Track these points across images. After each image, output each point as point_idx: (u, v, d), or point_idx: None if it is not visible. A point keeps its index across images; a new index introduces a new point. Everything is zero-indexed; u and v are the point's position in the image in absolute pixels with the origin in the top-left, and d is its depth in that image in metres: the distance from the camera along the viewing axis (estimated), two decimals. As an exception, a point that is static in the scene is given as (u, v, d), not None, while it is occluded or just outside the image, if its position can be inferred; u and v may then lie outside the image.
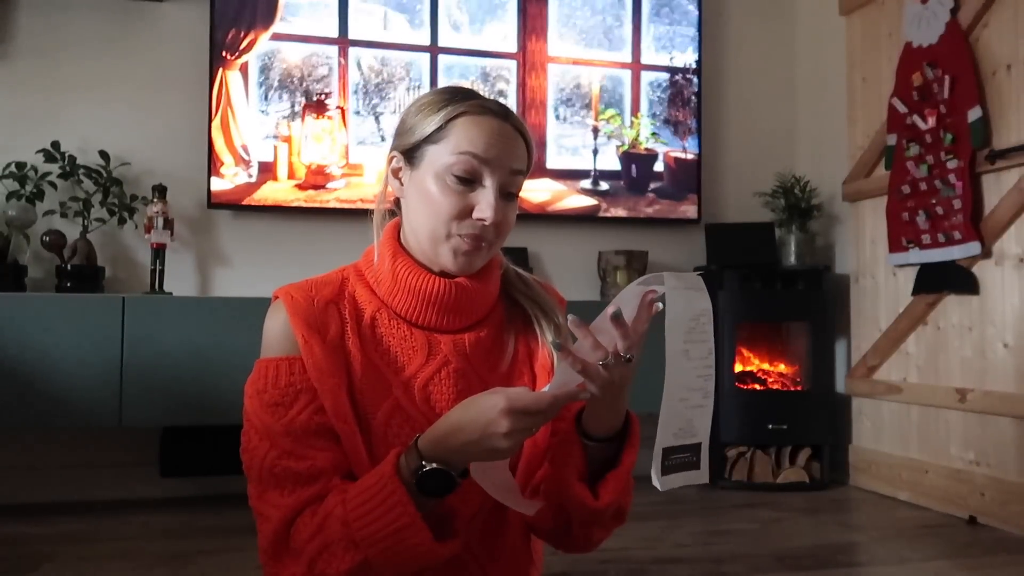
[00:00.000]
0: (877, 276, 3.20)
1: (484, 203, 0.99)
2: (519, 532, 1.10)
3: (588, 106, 3.43)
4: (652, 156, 3.48)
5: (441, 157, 1.00)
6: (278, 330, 1.00)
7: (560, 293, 1.19)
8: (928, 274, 2.89)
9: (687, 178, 3.50)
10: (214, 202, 3.05)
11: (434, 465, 0.89)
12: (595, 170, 3.42)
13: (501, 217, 1.00)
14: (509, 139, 1.01)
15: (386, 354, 1.03)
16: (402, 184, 1.06)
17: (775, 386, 3.34)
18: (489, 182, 0.99)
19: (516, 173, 1.02)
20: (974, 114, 2.68)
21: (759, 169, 3.62)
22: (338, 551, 0.89)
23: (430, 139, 1.01)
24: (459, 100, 1.01)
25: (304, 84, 3.15)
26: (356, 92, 3.20)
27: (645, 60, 3.49)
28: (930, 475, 2.87)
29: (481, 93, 1.05)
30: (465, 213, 0.99)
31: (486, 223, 0.99)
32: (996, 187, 2.66)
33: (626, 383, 0.95)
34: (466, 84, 3.28)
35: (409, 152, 1.04)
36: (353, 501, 0.89)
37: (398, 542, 0.88)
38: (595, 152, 3.42)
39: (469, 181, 0.99)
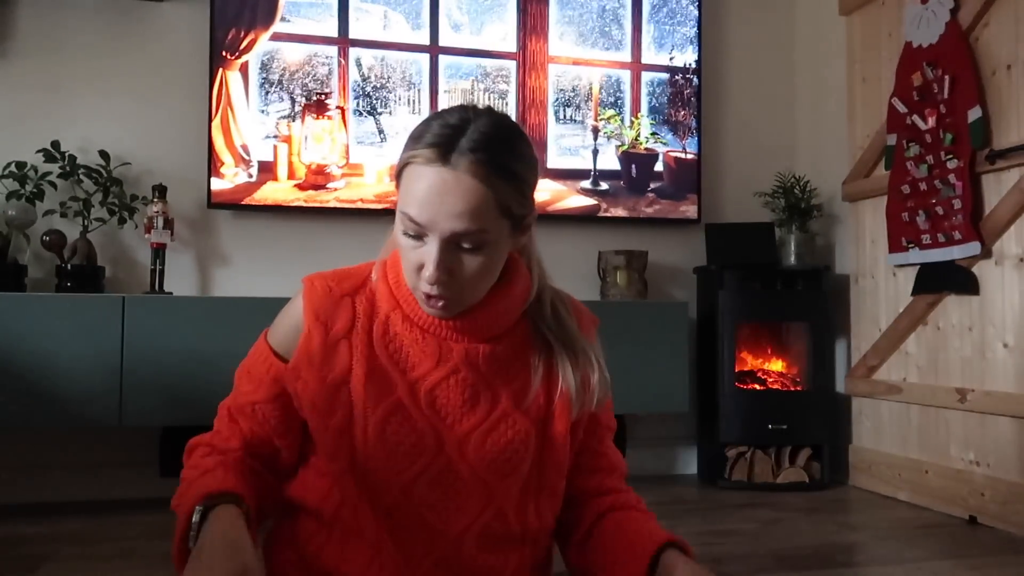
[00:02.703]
0: (877, 276, 3.20)
1: (427, 261, 0.93)
2: (529, 548, 1.09)
3: (588, 106, 3.43)
4: (652, 156, 3.48)
5: (398, 209, 0.96)
6: (292, 318, 1.04)
7: (591, 314, 1.16)
8: (928, 274, 2.89)
9: (687, 178, 3.50)
10: (214, 202, 3.05)
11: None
12: (595, 170, 3.42)
13: (446, 276, 0.93)
14: (446, 196, 0.90)
15: (396, 354, 1.02)
16: None
17: (775, 386, 3.34)
18: (431, 240, 0.93)
19: (463, 234, 0.92)
20: (974, 114, 2.68)
21: (759, 169, 3.62)
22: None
23: (398, 178, 0.98)
24: (414, 142, 0.94)
25: (304, 84, 3.15)
26: (356, 92, 3.20)
27: (645, 60, 3.49)
28: (930, 475, 2.87)
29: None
30: (420, 267, 0.95)
31: (430, 282, 0.94)
32: (996, 187, 2.66)
33: None
34: (466, 85, 3.28)
35: (397, 179, 1.00)
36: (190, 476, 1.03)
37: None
38: (595, 152, 3.42)
39: (417, 236, 0.94)
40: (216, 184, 3.05)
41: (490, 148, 0.92)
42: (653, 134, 3.48)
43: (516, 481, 1.04)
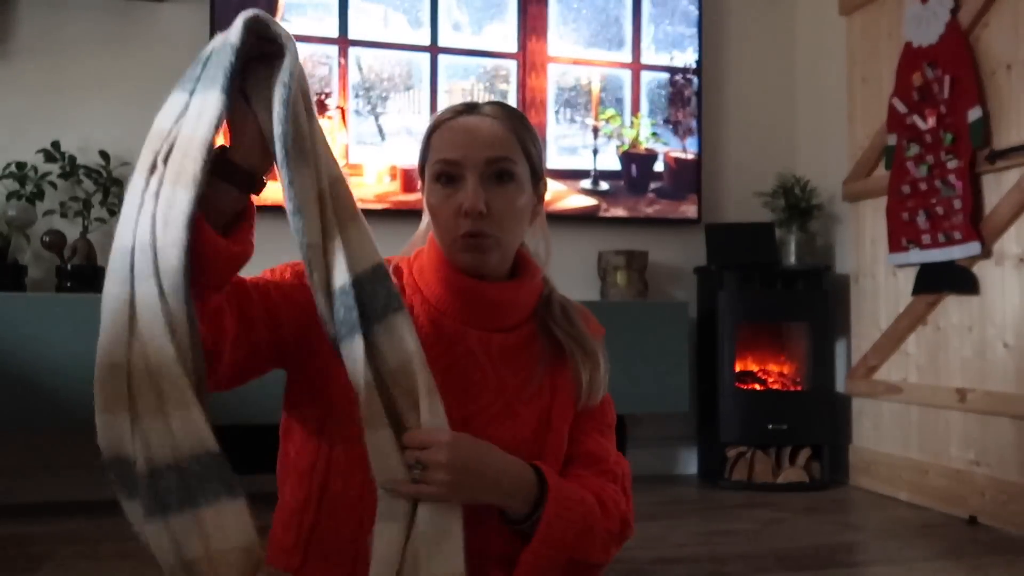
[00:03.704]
0: (877, 276, 3.20)
1: (463, 196, 1.03)
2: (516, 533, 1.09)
3: (588, 106, 3.43)
4: (652, 156, 3.48)
5: (429, 172, 1.08)
6: None
7: (598, 322, 1.19)
8: (928, 274, 2.89)
9: (687, 178, 3.50)
10: (214, 202, 3.05)
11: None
12: (595, 170, 3.42)
13: (481, 203, 1.02)
14: (477, 131, 1.05)
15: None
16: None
17: (775, 386, 3.34)
18: (467, 176, 1.04)
19: (496, 160, 1.05)
20: (974, 114, 2.68)
21: (759, 169, 3.62)
22: None
23: (424, 160, 1.10)
24: (438, 116, 1.10)
25: (304, 84, 3.14)
26: (356, 92, 3.20)
27: (645, 60, 3.49)
28: (930, 475, 2.87)
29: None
30: (457, 212, 1.04)
31: (470, 212, 1.02)
32: (996, 187, 2.66)
33: (447, 492, 0.91)
34: (466, 85, 3.28)
35: (421, 175, 1.13)
36: None
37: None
38: (595, 152, 3.42)
39: (451, 180, 1.05)
40: (216, 184, 3.04)
41: (505, 106, 1.11)
42: (653, 134, 3.48)
43: None
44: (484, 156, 1.04)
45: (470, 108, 1.09)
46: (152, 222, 0.82)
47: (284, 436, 1.10)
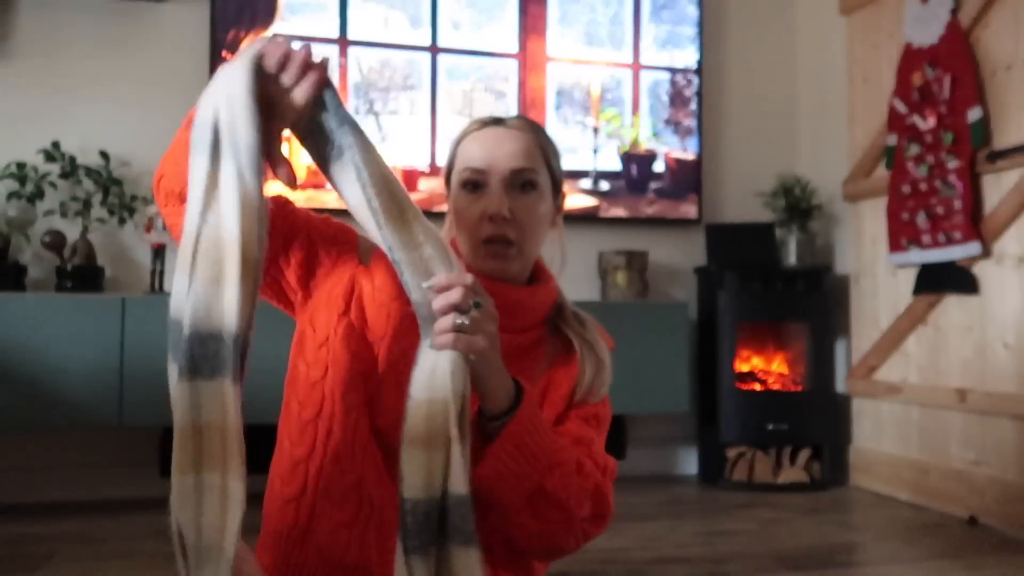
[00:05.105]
0: (877, 276, 3.20)
1: (490, 201, 1.08)
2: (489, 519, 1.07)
3: (588, 106, 3.43)
4: (652, 156, 3.48)
5: (455, 179, 1.13)
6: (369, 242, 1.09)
7: (610, 337, 1.21)
8: (928, 274, 2.89)
9: (687, 178, 3.50)
10: (214, 202, 3.05)
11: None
12: (595, 170, 3.42)
13: (505, 208, 1.07)
14: (503, 141, 1.10)
15: None
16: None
17: (775, 386, 3.34)
18: (491, 185, 1.09)
19: (520, 171, 1.09)
20: (974, 114, 2.68)
21: (759, 169, 3.62)
22: None
23: (450, 168, 1.15)
24: (465, 128, 1.15)
25: (304, 84, 3.14)
26: (356, 92, 3.20)
27: (645, 60, 3.49)
28: (930, 475, 2.87)
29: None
30: (481, 216, 1.08)
31: (494, 216, 1.07)
32: (996, 187, 2.66)
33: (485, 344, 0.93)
34: (466, 85, 3.28)
35: (447, 183, 1.17)
36: None
37: None
38: (595, 152, 3.42)
39: (477, 187, 1.09)
40: (216, 184, 3.04)
41: (529, 121, 1.16)
42: (653, 134, 3.48)
43: None
44: (510, 167, 1.09)
45: (496, 121, 1.14)
46: (222, 100, 0.89)
47: (288, 386, 1.11)
